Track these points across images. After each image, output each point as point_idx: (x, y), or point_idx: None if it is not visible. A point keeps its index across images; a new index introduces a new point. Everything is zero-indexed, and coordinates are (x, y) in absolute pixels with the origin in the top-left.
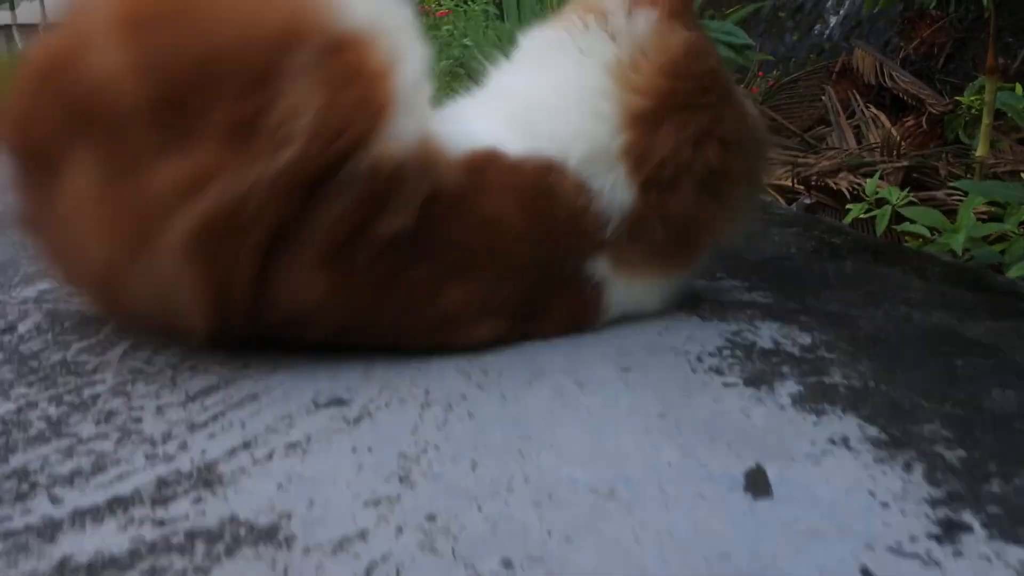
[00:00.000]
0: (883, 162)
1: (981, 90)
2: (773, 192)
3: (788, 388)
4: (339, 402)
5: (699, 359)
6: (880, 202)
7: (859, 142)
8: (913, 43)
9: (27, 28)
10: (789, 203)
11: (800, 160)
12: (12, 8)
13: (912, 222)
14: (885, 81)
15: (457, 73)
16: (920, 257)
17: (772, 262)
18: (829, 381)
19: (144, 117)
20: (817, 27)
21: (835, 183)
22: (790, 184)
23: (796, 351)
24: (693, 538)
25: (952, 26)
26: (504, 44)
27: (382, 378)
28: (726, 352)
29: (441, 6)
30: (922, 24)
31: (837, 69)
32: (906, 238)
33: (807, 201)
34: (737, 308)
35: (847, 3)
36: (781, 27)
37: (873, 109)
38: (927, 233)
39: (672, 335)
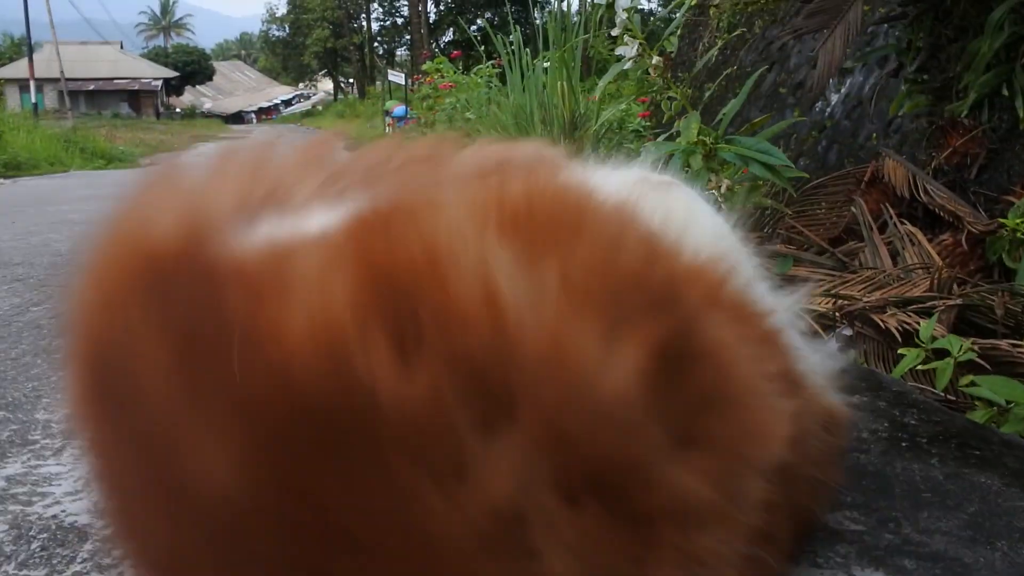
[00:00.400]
0: (934, 298)
1: None
2: (810, 320)
3: None
4: None
5: None
6: (939, 352)
7: (894, 260)
8: (945, 152)
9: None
10: (826, 330)
11: (838, 285)
12: None
13: (979, 386)
14: (919, 195)
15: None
16: (1012, 451)
17: (846, 456)
18: None
19: None
20: (819, 105)
21: (883, 321)
22: (827, 310)
23: None
24: None
25: (986, 135)
26: (505, 118)
27: None
28: None
29: (444, 79)
30: (954, 133)
31: (867, 178)
32: (976, 402)
33: (846, 333)
34: (826, 541)
35: (848, 82)
36: (782, 103)
37: (908, 225)
38: (1002, 403)
39: None
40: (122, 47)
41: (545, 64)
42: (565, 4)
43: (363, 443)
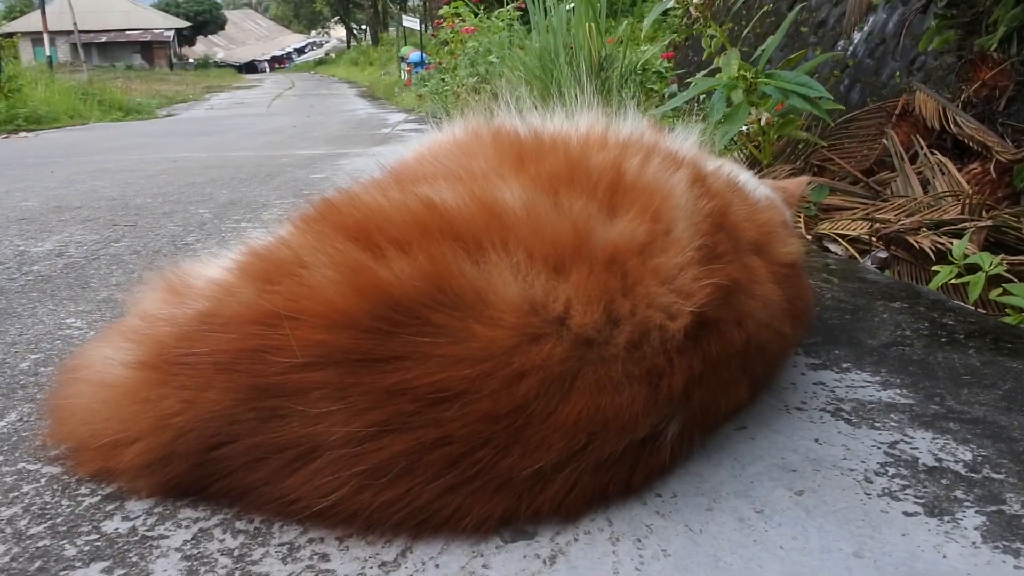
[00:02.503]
0: (965, 220)
1: None
2: (846, 244)
3: (972, 520)
4: (524, 534)
5: (867, 479)
6: (971, 268)
7: (924, 189)
8: (974, 86)
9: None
10: (861, 254)
11: (872, 212)
12: None
13: (1012, 294)
14: (949, 126)
15: (481, 89)
16: None
17: (892, 349)
18: (1010, 511)
19: None
20: (840, 43)
21: (917, 242)
22: (862, 235)
23: (962, 469)
24: None
25: (1014, 68)
26: (530, 60)
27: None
28: (891, 470)
29: (465, 22)
30: (983, 67)
31: (898, 111)
32: (1007, 310)
33: (882, 255)
34: (881, 411)
35: (870, 20)
36: (803, 42)
37: (938, 156)
38: None
39: (828, 447)
40: None
41: (569, 6)
42: None
43: None
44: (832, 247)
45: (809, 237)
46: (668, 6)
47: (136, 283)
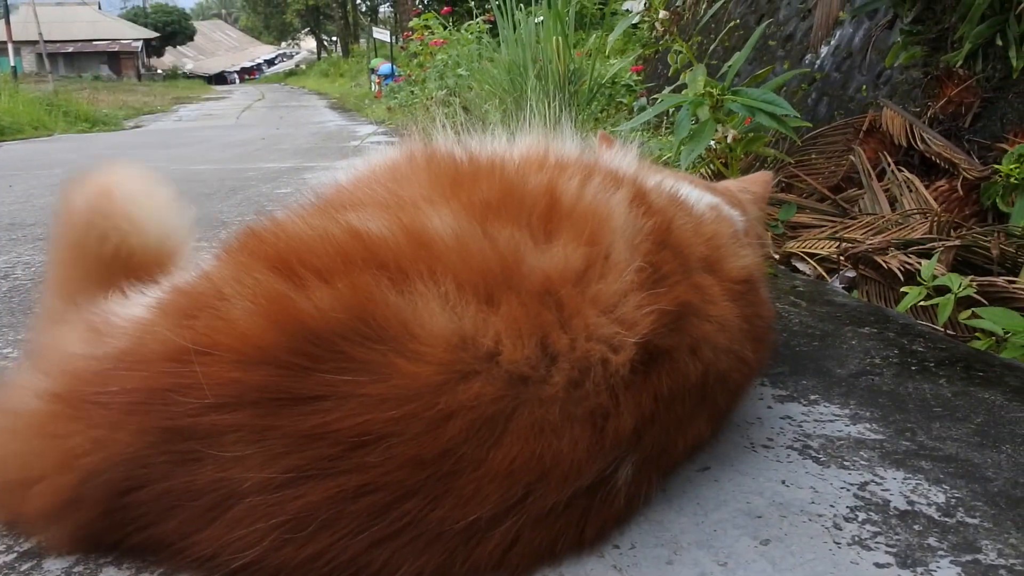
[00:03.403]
0: (934, 239)
1: (1021, 158)
2: (814, 263)
3: (946, 572)
4: None
5: (836, 526)
6: (940, 289)
7: (892, 206)
8: (940, 102)
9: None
10: (830, 273)
11: (840, 230)
12: None
13: (981, 318)
14: (916, 143)
15: (449, 102)
16: (1012, 372)
17: (861, 379)
18: (986, 560)
19: None
20: (807, 57)
21: (886, 262)
22: (829, 254)
23: (935, 513)
24: None
25: (980, 85)
26: (499, 73)
27: None
28: (861, 515)
29: (435, 35)
30: (949, 83)
31: (865, 128)
32: (977, 334)
33: (850, 275)
34: (850, 448)
35: (837, 35)
36: (771, 55)
37: (906, 172)
38: (1000, 332)
39: (795, 489)
40: (100, 7)
41: (537, 19)
42: None
43: None
44: (800, 266)
45: (776, 256)
46: (634, 21)
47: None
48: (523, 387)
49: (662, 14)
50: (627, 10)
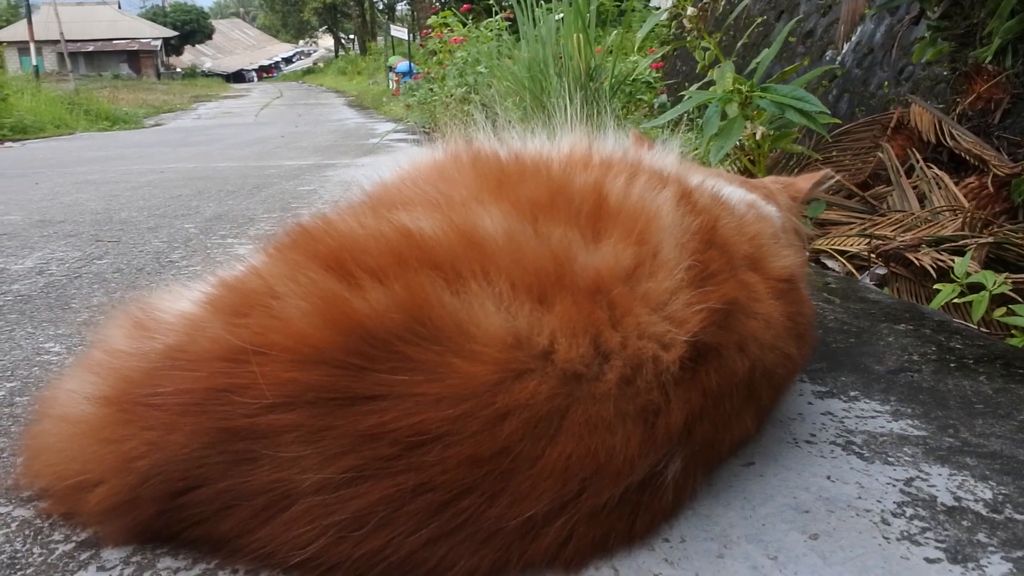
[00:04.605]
0: (966, 236)
1: None
2: (844, 260)
3: (998, 567)
4: None
5: (884, 521)
6: (973, 286)
7: (920, 203)
8: (969, 98)
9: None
10: (859, 270)
11: (870, 227)
12: None
13: (1017, 315)
14: (945, 139)
15: (469, 99)
16: None
17: (900, 376)
18: None
19: None
20: (828, 53)
21: (917, 259)
22: (859, 251)
23: (983, 509)
24: None
25: (1009, 81)
26: (519, 71)
27: None
28: (909, 511)
29: (453, 32)
30: (978, 79)
31: (893, 124)
32: (1013, 331)
33: (880, 272)
34: (893, 444)
35: (859, 31)
36: (792, 52)
37: (935, 169)
38: None
39: (841, 485)
40: (119, 7)
41: (558, 15)
42: None
43: None
44: (829, 263)
45: (807, 252)
46: (661, 19)
47: (106, 312)
48: (577, 385)
49: (690, 11)
50: (655, 7)
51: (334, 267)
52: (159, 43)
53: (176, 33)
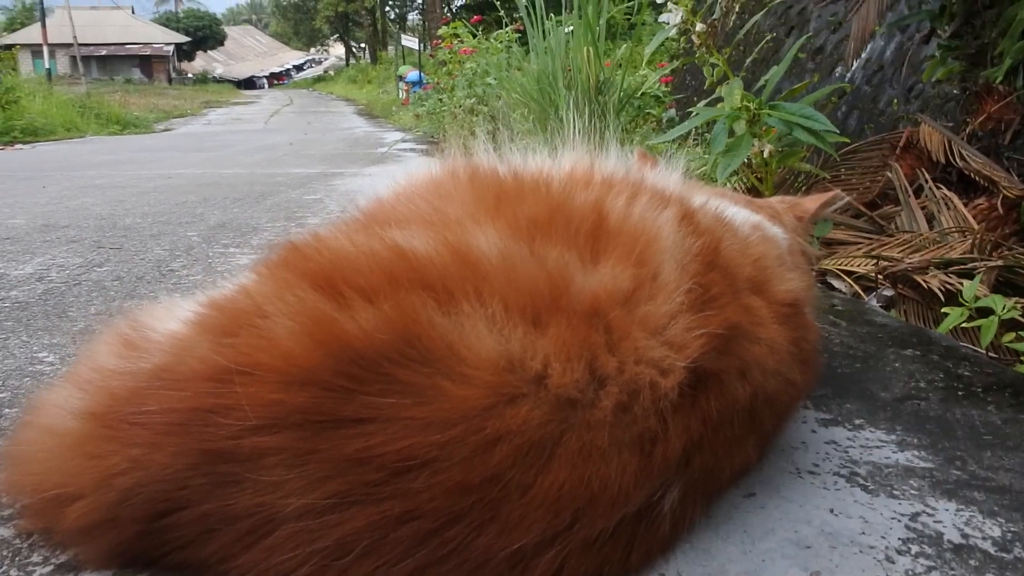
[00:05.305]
0: (975, 259)
1: None
2: (851, 281)
3: None
4: None
5: (889, 559)
6: (982, 310)
7: (929, 224)
8: (979, 118)
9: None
10: (865, 291)
11: (877, 248)
12: None
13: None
14: (955, 159)
15: (478, 110)
16: None
17: (907, 403)
18: None
19: None
20: (838, 70)
21: (926, 282)
22: (867, 271)
23: (991, 548)
24: None
25: (1021, 102)
26: (528, 83)
27: None
28: (914, 548)
29: (463, 43)
30: (989, 99)
31: (901, 144)
32: (1022, 358)
33: (887, 293)
34: (899, 477)
35: (868, 48)
36: (801, 68)
37: (944, 190)
38: None
39: (844, 519)
40: (133, 12)
41: (568, 28)
42: None
43: None
44: (836, 283)
45: (814, 274)
46: (670, 34)
47: (101, 324)
48: (571, 411)
49: (699, 27)
50: (665, 22)
51: (323, 286)
52: (171, 48)
53: (188, 39)
